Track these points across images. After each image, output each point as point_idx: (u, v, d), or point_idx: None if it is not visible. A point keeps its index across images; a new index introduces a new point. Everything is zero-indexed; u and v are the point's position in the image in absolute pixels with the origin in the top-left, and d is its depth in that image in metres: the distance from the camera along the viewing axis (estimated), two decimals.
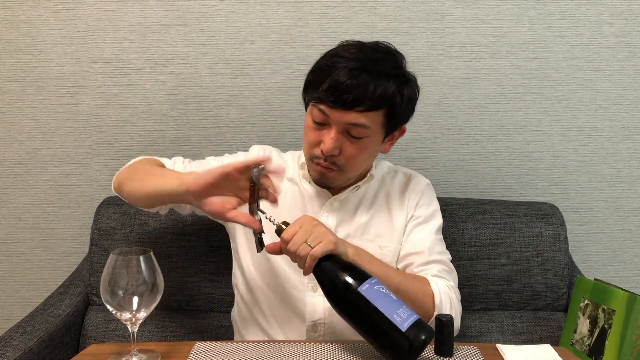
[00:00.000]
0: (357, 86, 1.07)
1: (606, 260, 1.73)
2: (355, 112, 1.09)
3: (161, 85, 1.65)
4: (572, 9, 1.61)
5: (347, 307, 0.95)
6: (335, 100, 1.08)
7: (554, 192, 1.70)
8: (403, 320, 0.90)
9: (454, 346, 1.00)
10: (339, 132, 1.11)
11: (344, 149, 1.12)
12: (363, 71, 1.08)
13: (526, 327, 1.47)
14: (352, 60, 1.09)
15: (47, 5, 1.62)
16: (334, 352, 0.99)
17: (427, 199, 1.28)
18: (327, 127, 1.12)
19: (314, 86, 1.12)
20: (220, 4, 1.61)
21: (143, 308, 0.92)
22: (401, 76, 1.13)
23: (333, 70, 1.09)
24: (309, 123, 1.15)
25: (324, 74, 1.10)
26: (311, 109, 1.14)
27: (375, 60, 1.10)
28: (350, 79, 1.07)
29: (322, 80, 1.10)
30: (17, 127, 1.68)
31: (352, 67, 1.08)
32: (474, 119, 1.66)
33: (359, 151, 1.14)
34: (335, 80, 1.07)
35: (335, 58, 1.11)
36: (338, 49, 1.14)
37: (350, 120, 1.09)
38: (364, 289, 0.92)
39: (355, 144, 1.13)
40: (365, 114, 1.09)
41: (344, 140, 1.12)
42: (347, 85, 1.07)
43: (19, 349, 1.24)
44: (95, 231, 1.51)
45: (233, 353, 0.98)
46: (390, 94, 1.10)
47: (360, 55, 1.10)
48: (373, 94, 1.08)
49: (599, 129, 1.67)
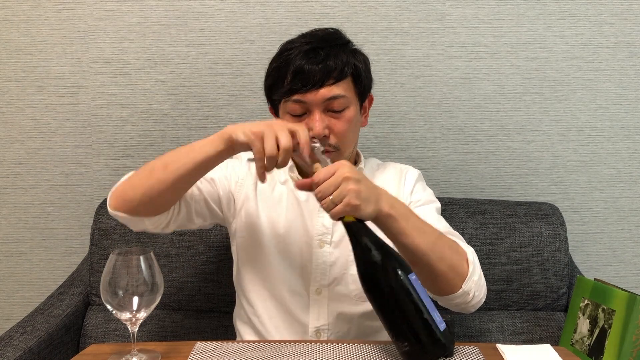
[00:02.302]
0: (318, 63, 1.11)
1: (606, 260, 1.73)
2: (327, 87, 1.12)
3: (161, 85, 1.65)
4: (572, 9, 1.61)
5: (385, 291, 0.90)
6: (305, 83, 1.11)
7: (554, 192, 1.70)
8: (440, 321, 0.90)
9: (454, 346, 0.99)
10: (321, 113, 1.13)
11: (332, 127, 1.14)
12: (317, 49, 1.12)
13: (526, 327, 1.47)
14: (302, 46, 1.13)
15: (47, 5, 1.62)
16: (334, 352, 0.99)
17: (421, 186, 1.29)
18: (307, 115, 1.14)
19: (277, 85, 1.15)
20: (220, 4, 1.61)
21: (143, 308, 0.92)
22: (349, 45, 1.18)
23: (289, 62, 1.12)
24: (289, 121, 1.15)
25: (282, 70, 1.13)
26: (284, 107, 1.15)
27: (322, 39, 1.15)
28: (309, 60, 1.11)
29: (283, 76, 1.13)
30: (17, 127, 1.68)
31: (305, 51, 1.12)
32: (474, 119, 1.66)
33: (346, 124, 1.15)
34: (297, 67, 1.11)
35: (285, 53, 1.14)
36: (282, 47, 1.18)
37: (327, 95, 1.12)
38: (414, 278, 0.90)
39: (340, 118, 1.15)
40: (337, 85, 1.13)
41: (329, 120, 1.14)
42: (310, 67, 1.11)
43: (19, 349, 1.24)
44: (95, 231, 1.51)
45: (233, 353, 0.98)
46: (350, 60, 1.15)
47: (307, 40, 1.15)
48: (336, 63, 1.12)
49: (599, 129, 1.67)
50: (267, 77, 1.19)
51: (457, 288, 1.03)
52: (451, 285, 1.03)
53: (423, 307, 0.90)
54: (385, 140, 1.67)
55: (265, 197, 1.24)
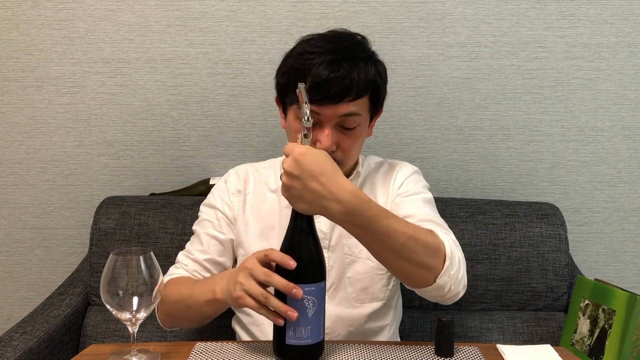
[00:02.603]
0: (342, 78, 1.06)
1: (606, 260, 1.73)
2: (345, 103, 1.08)
3: (161, 85, 1.65)
4: (572, 9, 1.61)
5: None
6: (324, 97, 1.06)
7: (554, 192, 1.70)
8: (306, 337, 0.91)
9: (455, 346, 1.00)
10: (333, 127, 1.10)
11: (341, 142, 1.12)
12: (341, 61, 1.07)
13: (526, 328, 1.47)
14: (326, 54, 1.07)
15: (47, 5, 1.62)
16: (334, 352, 0.99)
17: (414, 179, 1.23)
18: (317, 126, 1.10)
19: (291, 89, 1.10)
20: (220, 4, 1.61)
21: (143, 308, 0.92)
22: (373, 57, 1.14)
23: (309, 67, 1.07)
24: (297, 126, 1.10)
25: (300, 73, 1.08)
26: (296, 112, 1.11)
27: (346, 48, 1.10)
28: (333, 72, 1.06)
29: (300, 80, 1.06)
30: (17, 127, 1.68)
31: (329, 61, 1.06)
32: (474, 119, 1.66)
33: (354, 141, 1.14)
34: (318, 77, 1.06)
35: (306, 55, 1.09)
36: (302, 46, 1.12)
37: (343, 112, 1.08)
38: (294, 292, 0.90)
39: (350, 135, 1.12)
40: (355, 102, 1.09)
41: (338, 135, 1.11)
42: (331, 78, 1.06)
43: (19, 349, 1.24)
44: (95, 231, 1.51)
45: (233, 353, 0.98)
46: (372, 77, 1.10)
47: (330, 47, 1.09)
48: (358, 81, 1.07)
49: (599, 129, 1.67)
50: (282, 74, 1.14)
51: (430, 282, 0.98)
52: (424, 280, 0.98)
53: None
54: (385, 140, 1.67)
55: (257, 210, 1.23)
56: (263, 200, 1.24)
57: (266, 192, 1.25)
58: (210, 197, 1.28)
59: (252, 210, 1.23)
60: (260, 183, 1.26)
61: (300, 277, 0.91)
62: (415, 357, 0.98)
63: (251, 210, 1.23)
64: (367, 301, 1.19)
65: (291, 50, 1.15)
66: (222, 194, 1.25)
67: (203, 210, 1.26)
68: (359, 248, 1.19)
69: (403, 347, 1.01)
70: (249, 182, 1.26)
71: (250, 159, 1.67)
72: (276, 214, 1.22)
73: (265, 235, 1.20)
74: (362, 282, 1.18)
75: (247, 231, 1.21)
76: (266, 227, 1.21)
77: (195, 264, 1.20)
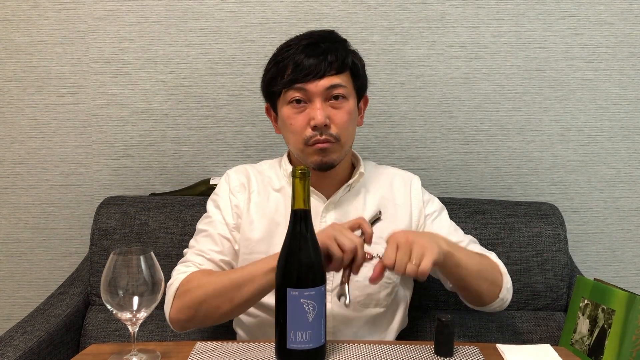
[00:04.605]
0: (319, 54, 1.14)
1: (606, 260, 1.73)
2: (328, 77, 1.15)
3: (161, 85, 1.65)
4: (572, 9, 1.61)
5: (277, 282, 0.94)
6: (308, 72, 1.13)
7: (554, 192, 1.70)
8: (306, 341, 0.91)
9: (454, 346, 1.00)
10: (322, 102, 1.15)
11: (333, 117, 1.16)
12: (318, 43, 1.16)
13: (526, 327, 1.47)
14: (302, 43, 1.16)
15: (47, 5, 1.62)
16: (335, 352, 0.99)
17: (427, 194, 1.33)
18: (308, 105, 1.16)
19: (276, 79, 1.18)
20: (220, 4, 1.61)
21: (143, 308, 0.92)
22: (346, 43, 1.22)
23: (290, 56, 1.15)
24: (289, 112, 1.17)
25: (282, 64, 1.16)
26: (285, 97, 1.17)
27: (321, 36, 1.18)
28: (311, 53, 1.14)
29: (283, 69, 1.16)
30: (17, 127, 1.68)
31: (306, 44, 1.15)
32: (474, 119, 1.66)
33: (346, 115, 1.18)
34: (297, 60, 1.14)
35: (285, 50, 1.17)
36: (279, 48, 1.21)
37: (328, 84, 1.15)
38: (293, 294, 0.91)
39: (341, 109, 1.17)
40: (338, 76, 1.16)
41: (329, 110, 1.16)
42: (312, 56, 1.14)
43: (19, 349, 1.24)
44: (95, 231, 1.51)
45: (233, 353, 0.98)
46: (349, 58, 1.19)
47: (307, 37, 1.18)
48: (336, 57, 1.15)
49: (599, 129, 1.67)
50: (265, 74, 1.22)
51: (495, 298, 1.18)
52: (491, 297, 1.18)
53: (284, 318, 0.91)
54: (385, 140, 1.68)
55: (262, 207, 1.24)
56: (267, 199, 1.25)
57: (270, 191, 1.26)
58: (216, 197, 1.27)
59: (257, 207, 1.23)
60: (263, 182, 1.27)
61: (300, 281, 0.91)
62: (415, 356, 0.98)
63: (256, 208, 1.23)
64: (372, 306, 1.21)
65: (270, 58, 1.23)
66: (226, 193, 1.26)
67: (211, 211, 1.26)
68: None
69: (403, 347, 1.02)
70: (252, 180, 1.27)
71: (250, 159, 1.67)
72: (281, 212, 1.23)
73: (271, 233, 1.21)
74: (370, 288, 1.19)
75: (251, 229, 1.22)
76: (271, 225, 1.22)
77: (211, 264, 1.19)
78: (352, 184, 1.25)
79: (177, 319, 1.12)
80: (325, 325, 0.94)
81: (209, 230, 1.22)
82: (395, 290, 1.25)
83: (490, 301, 1.19)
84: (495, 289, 1.18)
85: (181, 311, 1.11)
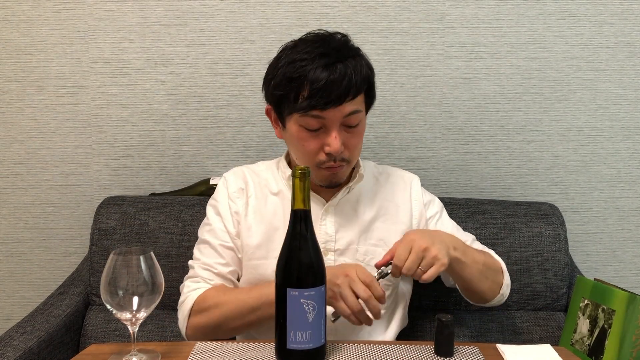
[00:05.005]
0: (340, 79, 1.07)
1: (606, 260, 1.73)
2: (347, 103, 1.09)
3: (161, 85, 1.65)
4: (572, 9, 1.61)
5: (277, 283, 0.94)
6: (328, 101, 1.07)
7: (554, 192, 1.70)
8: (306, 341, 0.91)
9: (454, 346, 1.00)
10: (338, 129, 1.11)
11: (347, 142, 1.13)
12: (335, 63, 1.07)
13: (526, 327, 1.47)
14: (318, 58, 1.07)
15: (47, 5, 1.62)
16: (335, 352, 0.99)
17: (428, 195, 1.33)
18: (322, 130, 1.11)
19: (289, 98, 1.10)
20: (220, 4, 1.61)
21: (143, 308, 0.92)
22: (359, 52, 1.14)
23: (305, 74, 1.07)
24: (302, 135, 1.12)
25: (296, 82, 1.08)
26: (298, 120, 1.11)
27: (335, 49, 1.10)
28: (331, 74, 1.06)
29: (297, 88, 1.08)
30: (17, 127, 1.68)
31: (324, 64, 1.07)
32: (474, 119, 1.66)
33: (358, 138, 1.16)
34: (317, 82, 1.06)
35: (298, 63, 1.08)
36: (289, 54, 1.11)
37: (346, 112, 1.10)
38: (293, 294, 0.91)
39: (353, 132, 1.14)
40: (355, 100, 1.10)
41: (344, 135, 1.12)
42: (331, 81, 1.06)
43: (19, 349, 1.24)
44: (95, 231, 1.51)
45: (233, 353, 0.98)
46: (365, 73, 1.12)
47: (320, 50, 1.09)
48: (355, 80, 1.08)
49: (599, 129, 1.67)
50: (275, 86, 1.12)
51: (496, 295, 1.23)
52: (492, 295, 1.22)
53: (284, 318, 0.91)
54: (385, 140, 1.67)
55: (260, 212, 1.22)
56: (265, 203, 1.23)
57: (267, 195, 1.24)
58: (215, 203, 1.25)
59: (255, 213, 1.22)
60: (260, 186, 1.25)
61: (300, 281, 0.91)
62: (415, 356, 0.98)
63: (254, 213, 1.22)
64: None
65: (276, 59, 1.14)
66: (225, 199, 1.24)
67: (211, 218, 1.24)
68: (370, 256, 1.20)
69: (403, 347, 1.02)
70: (249, 184, 1.25)
71: (250, 159, 1.67)
72: (280, 216, 1.21)
73: (269, 238, 1.20)
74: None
75: (249, 235, 1.20)
76: (270, 229, 1.20)
77: (219, 278, 1.19)
78: (351, 187, 1.24)
79: (194, 336, 1.15)
80: (325, 325, 0.94)
81: (211, 241, 1.21)
82: (395, 291, 1.25)
83: (491, 298, 1.23)
84: (497, 288, 1.22)
85: (198, 329, 1.13)
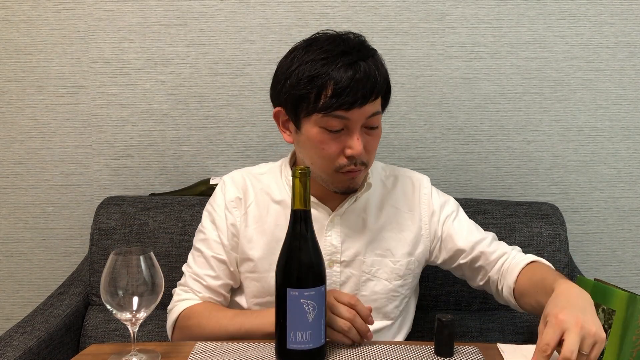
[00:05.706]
0: (365, 78, 1.03)
1: (606, 260, 1.73)
2: (371, 103, 1.05)
3: (161, 85, 1.65)
4: (572, 9, 1.61)
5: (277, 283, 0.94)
6: (353, 100, 1.02)
7: (554, 192, 1.70)
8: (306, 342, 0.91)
9: (455, 346, 1.00)
10: (360, 131, 1.07)
11: (366, 145, 1.08)
12: (357, 61, 1.03)
13: (526, 327, 1.47)
14: (340, 56, 1.03)
15: (47, 5, 1.62)
16: (335, 351, 0.99)
17: (441, 196, 1.26)
18: (344, 132, 1.06)
19: (311, 98, 1.04)
20: (220, 4, 1.61)
21: (143, 308, 0.92)
22: (376, 52, 1.10)
23: (328, 72, 1.02)
24: (323, 137, 1.06)
25: (316, 81, 1.03)
26: (319, 121, 1.05)
27: (355, 48, 1.06)
28: (356, 73, 1.02)
29: (320, 88, 1.03)
30: (17, 127, 1.68)
31: (347, 63, 1.02)
32: (474, 119, 1.66)
33: (377, 140, 1.12)
34: (341, 81, 1.02)
35: (318, 62, 1.04)
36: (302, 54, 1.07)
37: (369, 113, 1.05)
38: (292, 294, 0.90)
39: (373, 134, 1.10)
40: (376, 101, 1.07)
41: (364, 137, 1.08)
42: (357, 80, 1.02)
43: (19, 349, 1.24)
44: (95, 231, 1.51)
45: (233, 353, 0.98)
46: (385, 73, 1.09)
47: (340, 48, 1.04)
48: (377, 80, 1.05)
49: (599, 129, 1.67)
50: (292, 85, 1.06)
51: None
52: None
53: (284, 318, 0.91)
54: (385, 140, 1.67)
55: (261, 223, 1.18)
56: (267, 211, 1.18)
57: (269, 203, 1.18)
58: (211, 211, 1.21)
59: (256, 223, 1.17)
60: (261, 192, 1.20)
61: (300, 281, 0.91)
62: (415, 357, 0.98)
63: (255, 224, 1.17)
64: (379, 319, 1.18)
65: (287, 60, 1.09)
66: (222, 209, 1.19)
67: (206, 227, 1.20)
68: (376, 267, 1.18)
69: (403, 347, 1.01)
70: (249, 191, 1.20)
71: (250, 159, 1.67)
72: (282, 227, 1.12)
73: (272, 250, 1.14)
74: (377, 302, 1.17)
75: (251, 247, 1.16)
76: (272, 241, 1.16)
77: (208, 291, 1.18)
78: (358, 196, 1.18)
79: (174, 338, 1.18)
80: (325, 325, 0.94)
81: (204, 251, 1.18)
82: (404, 302, 1.22)
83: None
84: None
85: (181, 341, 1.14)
